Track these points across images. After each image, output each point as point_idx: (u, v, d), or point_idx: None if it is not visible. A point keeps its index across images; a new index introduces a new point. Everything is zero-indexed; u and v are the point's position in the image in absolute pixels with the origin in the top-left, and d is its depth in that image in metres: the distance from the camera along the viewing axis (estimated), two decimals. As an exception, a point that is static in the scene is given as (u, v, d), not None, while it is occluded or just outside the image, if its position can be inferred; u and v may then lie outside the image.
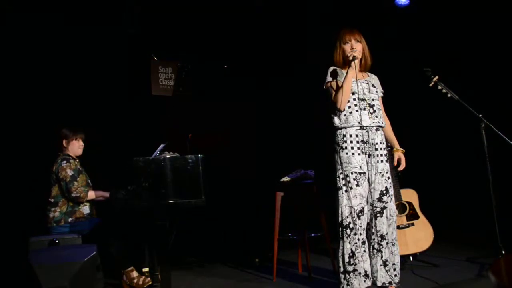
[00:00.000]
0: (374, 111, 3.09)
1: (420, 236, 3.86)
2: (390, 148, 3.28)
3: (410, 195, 3.99)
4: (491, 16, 4.95)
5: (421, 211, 3.96)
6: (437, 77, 3.61)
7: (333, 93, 3.08)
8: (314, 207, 3.88)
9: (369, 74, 3.23)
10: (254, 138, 5.68)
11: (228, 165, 4.48)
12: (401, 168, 3.28)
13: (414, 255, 3.86)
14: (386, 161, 3.12)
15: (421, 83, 3.68)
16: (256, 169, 4.91)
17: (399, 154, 3.28)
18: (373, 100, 3.11)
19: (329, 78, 3.14)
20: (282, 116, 5.91)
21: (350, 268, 2.99)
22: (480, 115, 3.54)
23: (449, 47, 5.38)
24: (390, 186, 3.12)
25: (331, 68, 3.18)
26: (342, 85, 3.02)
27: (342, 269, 3.03)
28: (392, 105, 3.43)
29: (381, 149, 3.10)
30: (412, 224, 3.87)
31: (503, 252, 3.47)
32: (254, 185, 4.97)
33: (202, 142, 4.07)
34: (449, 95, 3.61)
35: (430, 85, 3.63)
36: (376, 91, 3.16)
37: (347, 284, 2.99)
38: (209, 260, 4.77)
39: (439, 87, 3.62)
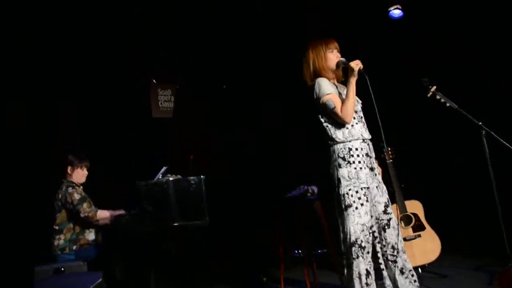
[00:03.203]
0: (364, 123, 3.04)
1: (428, 247, 3.83)
2: (378, 160, 3.23)
3: (415, 207, 3.96)
4: (487, 23, 4.99)
5: (427, 222, 3.94)
6: (434, 87, 3.61)
7: (337, 106, 2.90)
8: (319, 223, 3.87)
9: (344, 86, 3.08)
10: (257, 156, 5.68)
11: (232, 184, 4.47)
12: None
13: (422, 266, 3.83)
14: (379, 174, 3.07)
15: (420, 93, 3.68)
16: (260, 187, 4.89)
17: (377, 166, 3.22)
18: (360, 111, 3.05)
19: (327, 90, 2.94)
20: (285, 132, 5.92)
21: None
22: (480, 123, 3.53)
23: (445, 55, 5.41)
24: (388, 198, 3.05)
25: (324, 80, 3.00)
26: (349, 96, 2.89)
27: None
28: (393, 114, 3.41)
29: (375, 162, 3.05)
30: (419, 236, 3.84)
31: (512, 259, 3.44)
32: (259, 202, 4.95)
33: (204, 162, 4.07)
34: (447, 105, 3.59)
35: (428, 95, 3.63)
36: (359, 102, 3.09)
37: None
38: (216, 279, 4.72)
39: (437, 97, 3.61)
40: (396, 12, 5.39)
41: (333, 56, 3.00)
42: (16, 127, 4.66)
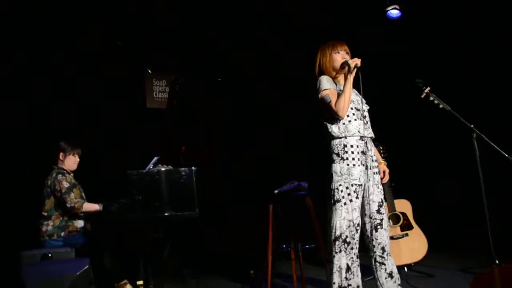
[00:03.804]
0: (367, 122, 3.08)
1: (414, 246, 3.87)
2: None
3: (403, 206, 4.00)
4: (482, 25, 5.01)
5: (415, 222, 3.97)
6: (428, 88, 3.63)
7: (333, 100, 2.97)
8: (308, 219, 3.88)
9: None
10: (247, 151, 5.69)
11: (222, 177, 4.48)
12: (385, 180, 3.25)
13: (408, 265, 3.87)
14: (378, 173, 3.11)
15: (413, 93, 3.70)
16: (249, 181, 4.91)
17: (383, 167, 3.26)
18: (364, 111, 3.10)
19: (326, 86, 3.03)
20: (276, 127, 5.94)
21: (345, 284, 2.90)
22: (472, 125, 3.55)
23: (441, 56, 5.43)
24: (384, 197, 3.11)
25: (325, 77, 3.09)
26: (345, 91, 2.94)
27: (337, 285, 2.94)
28: (383, 114, 3.44)
29: (375, 160, 3.08)
30: (406, 235, 3.88)
31: (497, 261, 3.47)
32: (248, 197, 4.97)
33: (195, 154, 4.08)
34: (441, 106, 3.61)
35: (422, 96, 3.64)
36: (365, 104, 3.15)
37: None
38: (204, 272, 4.75)
39: (431, 98, 3.63)
40: (394, 12, 5.40)
41: (338, 57, 3.07)
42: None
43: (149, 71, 5.58)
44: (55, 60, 4.91)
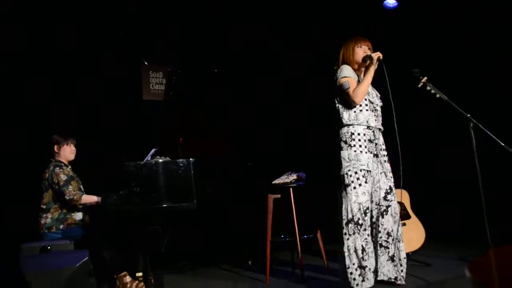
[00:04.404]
0: (378, 115, 3.25)
1: (412, 236, 3.89)
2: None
3: (401, 196, 4.00)
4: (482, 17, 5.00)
5: (413, 211, 3.99)
6: (425, 78, 3.63)
7: (352, 87, 3.14)
8: (306, 209, 3.90)
9: None
10: (246, 141, 5.69)
11: (220, 168, 4.48)
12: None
13: (406, 254, 3.88)
14: (388, 161, 3.26)
15: (410, 83, 3.70)
16: (248, 171, 4.91)
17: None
18: (377, 105, 3.28)
19: (346, 74, 3.20)
20: (274, 118, 5.94)
21: (364, 264, 3.04)
22: (469, 115, 3.56)
23: (436, 47, 5.42)
24: (394, 185, 3.22)
25: (347, 66, 3.26)
26: (365, 79, 3.14)
27: (357, 265, 3.05)
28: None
29: (384, 149, 3.26)
30: (404, 224, 3.89)
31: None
32: (246, 188, 4.97)
33: (194, 146, 4.08)
34: (437, 96, 3.61)
35: (419, 85, 3.64)
36: (379, 100, 3.32)
37: (363, 280, 3.03)
38: (202, 263, 4.77)
39: (428, 88, 3.63)
40: (390, 1, 5.38)
41: (360, 51, 3.27)
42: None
43: (146, 63, 5.55)
44: (45, 50, 4.88)
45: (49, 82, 4.86)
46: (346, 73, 3.21)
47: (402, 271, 3.18)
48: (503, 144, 3.39)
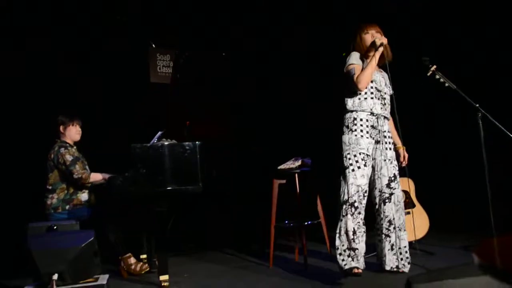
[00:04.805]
0: (385, 104, 3.22)
1: (416, 224, 3.88)
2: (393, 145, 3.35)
3: (406, 184, 4.00)
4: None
5: (417, 200, 3.99)
6: (435, 67, 3.60)
7: (357, 73, 3.13)
8: (311, 195, 3.90)
9: (381, 70, 3.32)
10: (252, 125, 5.68)
11: (226, 152, 4.48)
12: (405, 164, 3.40)
13: (410, 243, 3.89)
14: (393, 149, 3.25)
15: (418, 71, 3.67)
16: (254, 156, 4.91)
17: (403, 151, 3.41)
18: (385, 93, 3.25)
19: (353, 61, 3.20)
20: (281, 104, 5.92)
21: (353, 245, 3.05)
22: (477, 105, 3.53)
23: (447, 37, 5.35)
24: (398, 173, 3.21)
25: (356, 53, 3.26)
26: (367, 66, 3.11)
27: (346, 246, 3.06)
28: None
29: (389, 137, 3.23)
30: (408, 213, 3.89)
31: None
32: (252, 173, 4.99)
33: (200, 129, 4.07)
34: (446, 85, 3.59)
35: (428, 74, 3.62)
36: (389, 88, 3.29)
37: (352, 260, 3.04)
38: (207, 246, 4.80)
39: (437, 77, 3.61)
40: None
41: (368, 37, 3.24)
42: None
43: (153, 45, 5.53)
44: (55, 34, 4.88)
45: (55, 63, 4.86)
46: (353, 60, 3.20)
47: (402, 259, 3.18)
48: (511, 135, 3.38)
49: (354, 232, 3.04)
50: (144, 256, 3.95)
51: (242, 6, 5.53)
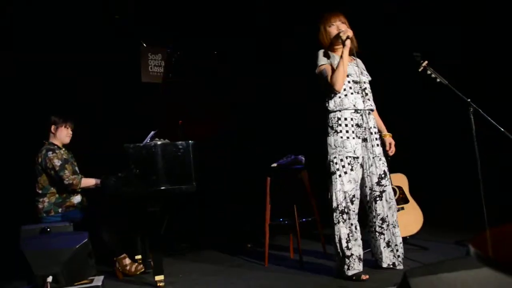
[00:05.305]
0: (366, 94, 3.13)
1: (410, 220, 3.91)
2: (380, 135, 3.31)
3: (400, 180, 4.02)
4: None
5: (411, 195, 4.01)
6: (426, 62, 3.61)
7: (329, 75, 3.04)
8: (305, 192, 3.90)
9: (354, 57, 3.20)
10: (245, 124, 5.67)
11: (219, 151, 4.49)
12: (392, 152, 3.33)
13: (403, 238, 3.90)
14: (380, 145, 3.18)
15: (409, 67, 3.68)
16: (247, 154, 4.91)
17: (389, 138, 3.33)
18: (364, 83, 3.15)
19: (322, 61, 3.11)
20: (274, 101, 5.91)
21: (348, 253, 3.02)
22: (469, 100, 3.55)
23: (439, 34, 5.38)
24: (388, 170, 3.18)
25: (322, 51, 3.16)
26: (339, 66, 3.00)
27: (341, 254, 3.05)
28: (380, 89, 3.44)
29: (375, 133, 3.15)
30: (402, 208, 3.92)
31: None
32: (245, 171, 4.99)
33: (193, 128, 4.07)
34: (438, 80, 3.60)
35: (419, 69, 3.63)
36: (366, 75, 3.19)
37: (348, 268, 3.03)
38: (201, 246, 4.79)
39: (428, 72, 3.62)
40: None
41: (333, 30, 3.12)
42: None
43: (144, 44, 5.51)
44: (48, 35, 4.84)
45: (46, 64, 4.83)
46: (321, 60, 3.12)
47: (399, 256, 3.18)
48: (502, 129, 3.40)
49: (348, 239, 3.03)
50: (139, 256, 3.94)
51: (242, 6, 5.51)
